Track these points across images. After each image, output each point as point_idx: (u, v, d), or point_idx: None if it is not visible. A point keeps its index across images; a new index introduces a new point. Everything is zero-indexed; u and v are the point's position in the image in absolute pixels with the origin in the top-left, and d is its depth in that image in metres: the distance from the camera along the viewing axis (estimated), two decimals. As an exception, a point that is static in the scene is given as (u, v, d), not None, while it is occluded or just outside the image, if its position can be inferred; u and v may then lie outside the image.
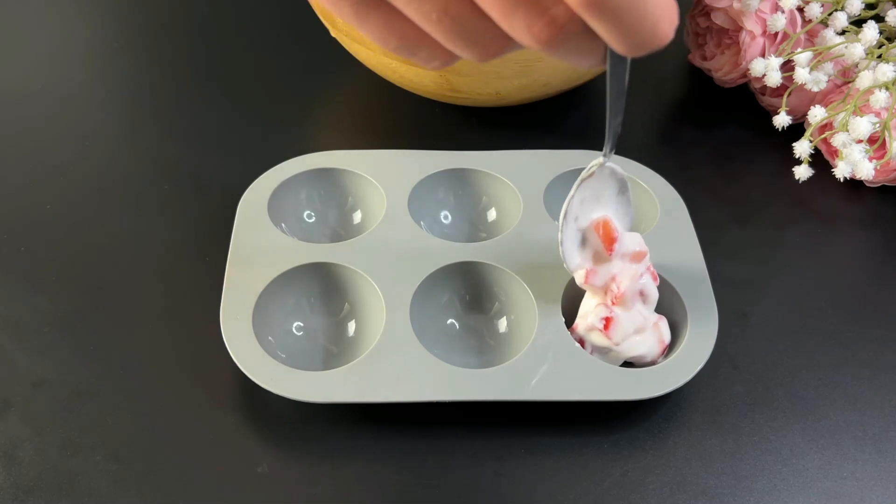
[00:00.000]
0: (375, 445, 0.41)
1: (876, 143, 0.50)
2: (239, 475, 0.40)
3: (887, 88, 0.50)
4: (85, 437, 0.41)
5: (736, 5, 0.55)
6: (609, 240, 0.41)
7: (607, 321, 0.41)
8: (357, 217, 0.50)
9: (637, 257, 0.42)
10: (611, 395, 0.40)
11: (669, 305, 0.44)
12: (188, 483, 0.39)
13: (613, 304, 0.41)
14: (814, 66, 0.53)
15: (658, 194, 0.49)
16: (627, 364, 0.42)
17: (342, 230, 0.49)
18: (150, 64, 0.62)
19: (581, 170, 0.50)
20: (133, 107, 0.58)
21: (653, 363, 0.42)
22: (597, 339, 0.42)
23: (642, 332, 0.42)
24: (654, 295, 0.42)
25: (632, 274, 0.41)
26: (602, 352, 0.42)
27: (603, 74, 0.59)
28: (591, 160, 0.50)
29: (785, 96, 0.54)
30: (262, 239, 0.45)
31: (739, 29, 0.55)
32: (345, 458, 0.40)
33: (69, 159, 0.54)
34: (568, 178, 0.49)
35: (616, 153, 0.51)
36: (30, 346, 0.44)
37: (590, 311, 0.42)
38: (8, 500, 0.38)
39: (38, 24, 0.65)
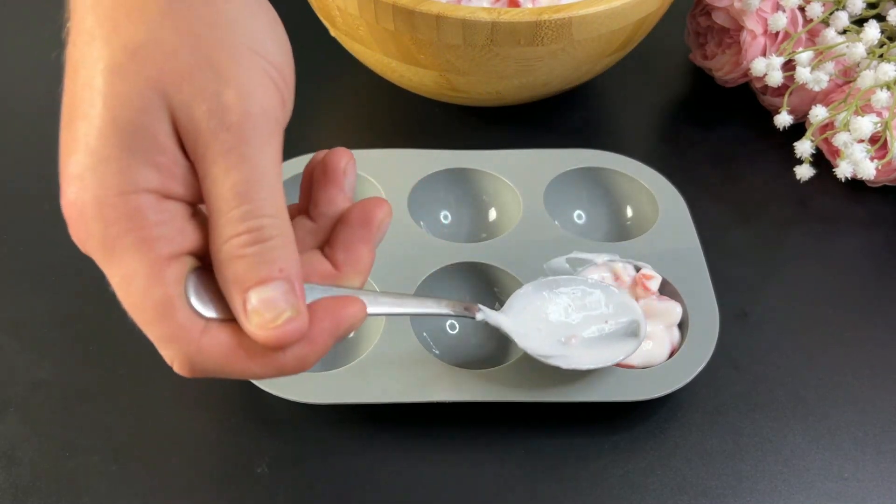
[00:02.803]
0: (375, 445, 0.41)
1: (877, 142, 0.50)
2: (239, 475, 0.40)
3: (889, 88, 0.50)
4: (85, 438, 0.41)
5: (737, 5, 0.55)
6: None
7: None
8: (357, 217, 0.49)
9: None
10: (611, 396, 0.40)
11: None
12: (188, 483, 0.39)
13: None
14: (815, 66, 0.53)
15: (658, 194, 0.49)
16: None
17: (342, 230, 0.49)
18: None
19: (580, 169, 0.50)
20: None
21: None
22: None
23: (659, 343, 0.42)
24: (652, 309, 0.43)
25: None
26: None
27: (604, 74, 0.59)
28: (591, 160, 0.50)
29: (786, 96, 0.53)
30: (262, 239, 0.45)
31: (740, 28, 0.55)
32: (345, 458, 0.40)
33: (69, 159, 0.54)
34: (568, 178, 0.49)
35: (617, 153, 0.51)
36: (30, 346, 0.44)
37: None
38: (8, 501, 0.38)
39: (39, 24, 0.65)
